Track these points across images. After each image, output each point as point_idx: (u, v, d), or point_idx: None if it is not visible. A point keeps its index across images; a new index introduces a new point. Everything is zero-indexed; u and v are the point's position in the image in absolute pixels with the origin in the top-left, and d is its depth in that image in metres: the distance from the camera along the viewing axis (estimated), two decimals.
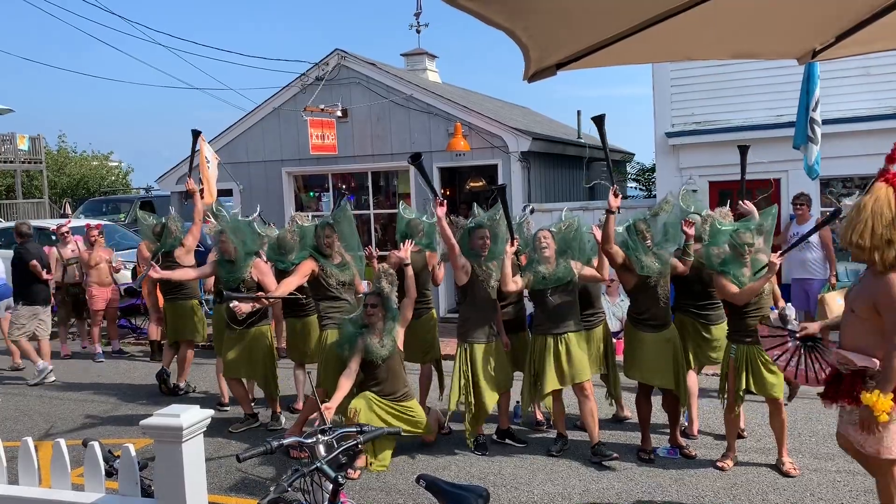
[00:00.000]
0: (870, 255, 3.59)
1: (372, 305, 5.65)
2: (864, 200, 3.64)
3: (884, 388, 3.57)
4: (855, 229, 3.60)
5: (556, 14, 1.57)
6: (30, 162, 27.25)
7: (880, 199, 3.59)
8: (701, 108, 9.63)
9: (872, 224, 3.55)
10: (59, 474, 3.18)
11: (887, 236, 3.53)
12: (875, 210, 3.57)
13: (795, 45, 2.43)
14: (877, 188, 3.63)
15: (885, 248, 3.54)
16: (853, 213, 3.65)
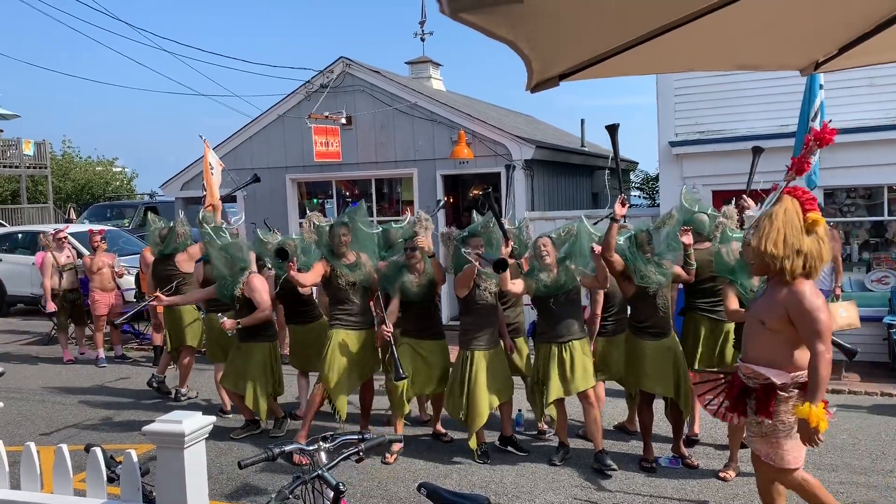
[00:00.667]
0: (781, 264, 3.69)
1: (412, 249, 6.00)
2: (774, 211, 3.76)
3: (814, 399, 3.61)
4: (769, 238, 3.70)
5: (559, 26, 1.58)
6: (35, 167, 27.34)
7: (789, 209, 3.73)
8: (705, 118, 9.63)
9: (785, 233, 3.68)
10: (62, 479, 3.18)
11: (797, 245, 3.67)
12: (786, 220, 3.70)
13: (799, 57, 2.43)
14: (784, 200, 3.78)
15: (795, 257, 3.67)
16: (766, 224, 3.76)
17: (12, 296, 14.21)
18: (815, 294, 3.70)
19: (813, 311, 3.64)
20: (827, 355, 3.60)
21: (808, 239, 3.71)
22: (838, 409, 7.09)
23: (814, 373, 3.62)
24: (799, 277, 3.71)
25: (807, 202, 3.75)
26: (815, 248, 3.71)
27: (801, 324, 3.67)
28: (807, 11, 2.01)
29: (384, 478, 5.67)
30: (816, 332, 3.62)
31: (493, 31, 1.42)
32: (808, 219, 3.71)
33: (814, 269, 3.74)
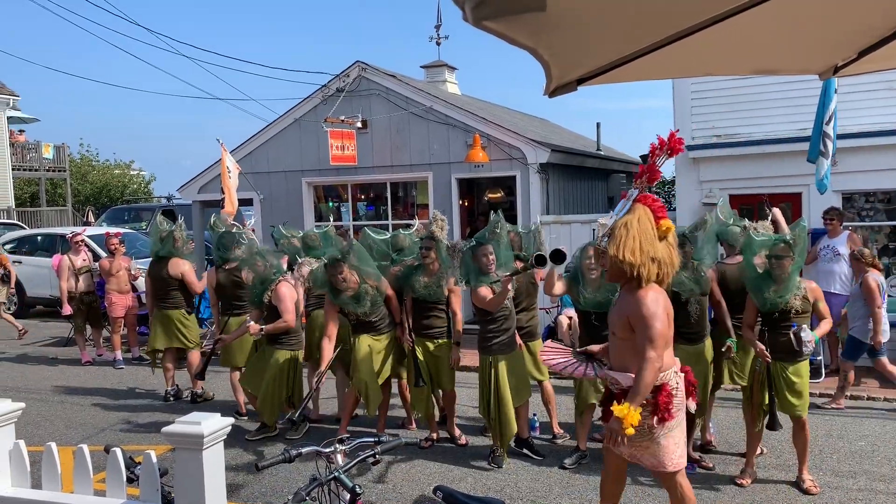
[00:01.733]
0: (637, 272, 3.74)
1: (427, 248, 6.07)
2: (628, 220, 3.80)
3: (633, 401, 3.66)
4: (626, 247, 3.74)
5: (579, 32, 1.59)
6: (54, 170, 27.67)
7: (643, 217, 3.80)
8: (721, 122, 9.59)
9: (640, 241, 3.74)
10: (82, 479, 3.21)
11: (651, 253, 3.74)
12: (640, 228, 3.77)
13: (817, 61, 2.42)
14: (637, 208, 3.83)
15: (650, 264, 3.74)
16: (622, 233, 3.79)
17: (32, 297, 14.37)
18: (656, 301, 3.75)
19: (649, 317, 3.70)
20: (656, 363, 3.67)
21: (661, 246, 3.80)
22: (856, 415, 7.05)
23: (639, 377, 3.69)
24: (651, 284, 3.79)
25: (658, 210, 3.83)
26: (668, 254, 3.82)
27: (637, 328, 3.75)
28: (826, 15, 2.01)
29: (399, 480, 5.68)
30: (648, 337, 3.68)
31: (515, 38, 1.43)
32: (661, 226, 3.79)
33: (667, 274, 3.84)
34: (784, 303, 5.14)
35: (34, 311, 14.71)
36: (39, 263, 13.94)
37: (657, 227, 3.80)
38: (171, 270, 7.97)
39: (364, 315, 6.13)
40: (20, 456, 3.35)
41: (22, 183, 29.03)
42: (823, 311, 5.27)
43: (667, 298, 3.87)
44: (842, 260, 8.08)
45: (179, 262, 8.03)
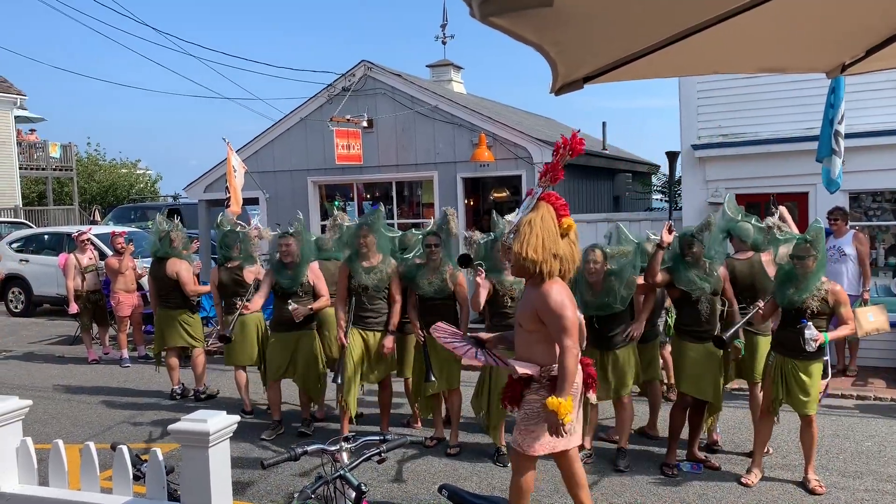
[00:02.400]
0: (539, 268, 3.89)
1: (434, 245, 6.11)
2: (532, 218, 3.94)
3: (561, 392, 3.79)
4: (530, 244, 3.88)
5: (586, 29, 1.58)
6: (61, 169, 27.76)
7: (545, 216, 3.95)
8: (728, 121, 9.55)
9: (543, 238, 3.88)
10: (89, 477, 3.23)
11: (554, 250, 3.90)
12: (543, 226, 3.91)
13: (824, 59, 2.41)
14: (540, 206, 3.98)
15: (552, 260, 3.90)
16: (526, 230, 3.93)
17: (39, 296, 14.42)
18: (562, 293, 3.90)
19: (558, 309, 3.84)
20: (574, 350, 3.81)
21: (563, 243, 3.95)
22: (863, 415, 7.02)
23: (561, 367, 3.82)
24: (554, 278, 3.93)
25: (560, 208, 3.98)
26: (569, 251, 3.98)
27: (548, 321, 3.87)
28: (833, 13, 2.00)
29: (405, 479, 5.69)
30: (562, 328, 3.82)
31: (521, 34, 1.43)
32: (563, 224, 3.95)
33: (568, 270, 4.01)
34: (801, 301, 5.13)
35: (41, 310, 14.77)
36: (46, 262, 13.99)
37: (559, 224, 3.95)
38: (168, 270, 8.01)
39: (366, 294, 6.18)
40: (27, 453, 3.36)
41: (29, 182, 29.15)
42: (845, 315, 5.25)
43: (570, 291, 4.03)
44: (848, 260, 8.04)
45: (176, 262, 8.06)
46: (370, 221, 6.27)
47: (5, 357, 10.70)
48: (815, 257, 5.12)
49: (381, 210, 6.48)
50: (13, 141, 24.95)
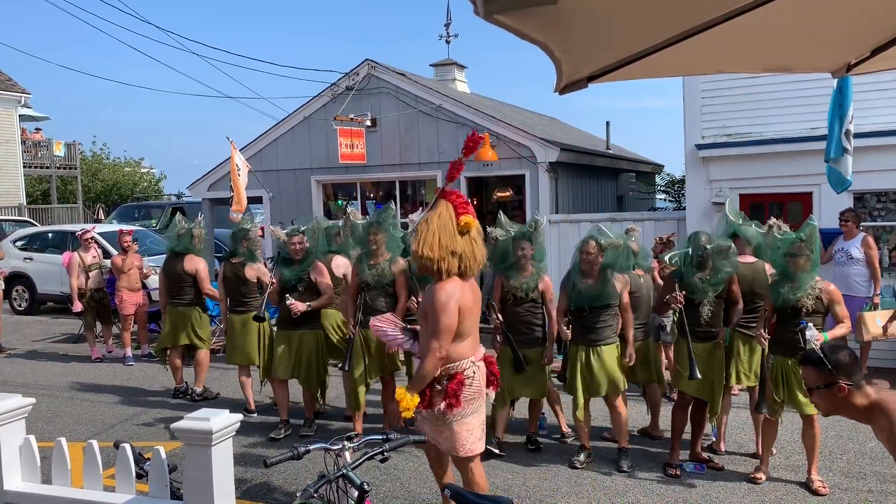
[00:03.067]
0: (437, 266, 3.94)
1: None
2: (430, 216, 4.02)
3: (412, 387, 3.91)
4: (426, 242, 3.94)
5: (590, 28, 1.58)
6: (65, 168, 27.82)
7: (443, 215, 4.00)
8: (732, 121, 9.53)
9: (440, 236, 3.93)
10: (92, 475, 3.23)
11: (451, 247, 3.93)
12: (441, 224, 3.97)
13: (830, 59, 2.40)
14: (440, 205, 4.05)
15: (450, 258, 3.93)
16: (422, 228, 4.01)
17: (42, 294, 14.45)
18: (449, 294, 3.91)
19: (438, 310, 3.88)
20: (438, 353, 3.87)
21: (462, 240, 3.98)
22: None
23: (421, 364, 3.92)
24: (453, 276, 3.97)
25: (460, 206, 4.02)
26: (469, 248, 4.00)
27: (430, 318, 3.94)
28: (839, 13, 1.99)
29: (408, 478, 5.68)
30: (434, 329, 3.88)
31: (526, 32, 1.43)
32: (461, 222, 3.98)
33: (468, 268, 4.02)
34: (795, 300, 5.14)
35: (44, 308, 14.80)
36: (50, 260, 14.02)
37: (458, 222, 3.98)
38: (186, 266, 7.98)
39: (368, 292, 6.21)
40: (30, 451, 3.37)
41: (33, 180, 29.20)
42: (841, 314, 5.26)
43: (469, 291, 4.04)
44: (855, 263, 8.00)
45: (195, 259, 8.05)
46: (381, 220, 6.29)
47: (9, 355, 10.72)
48: (809, 256, 5.14)
49: (391, 209, 6.49)
50: (17, 139, 25.00)
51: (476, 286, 4.16)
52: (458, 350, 3.98)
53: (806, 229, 5.25)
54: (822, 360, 2.66)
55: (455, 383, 3.97)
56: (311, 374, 6.71)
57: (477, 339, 4.14)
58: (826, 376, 2.66)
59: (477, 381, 4.04)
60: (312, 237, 6.71)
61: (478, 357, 4.12)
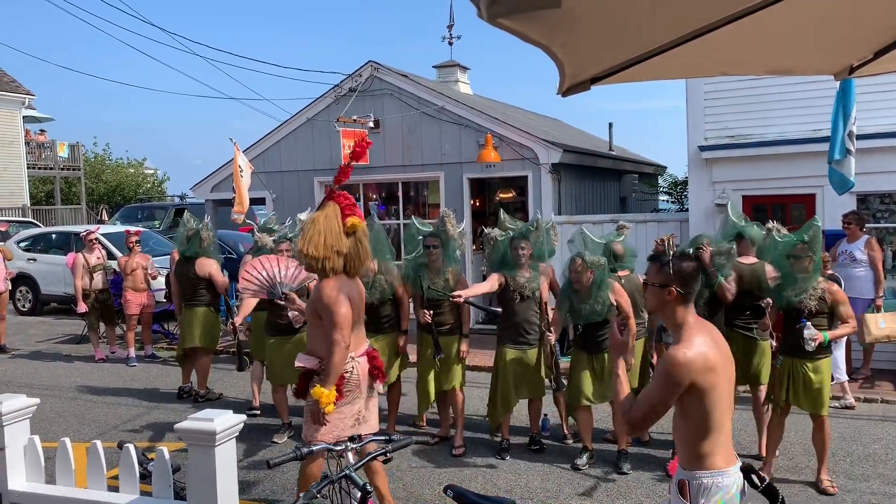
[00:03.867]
0: (322, 265, 4.07)
1: (433, 247, 6.12)
2: (316, 216, 4.17)
3: (325, 383, 4.00)
4: (311, 242, 4.08)
5: (594, 30, 1.59)
6: (69, 169, 27.87)
7: (329, 214, 4.16)
8: (735, 122, 9.53)
9: (325, 237, 4.07)
10: (95, 475, 3.24)
11: (336, 247, 4.08)
12: (326, 224, 4.11)
13: (832, 61, 2.40)
14: (328, 206, 4.20)
15: (336, 258, 4.08)
16: (308, 228, 4.15)
17: (46, 295, 14.48)
18: (336, 289, 4.04)
19: (330, 304, 4.00)
20: (342, 344, 3.98)
21: (347, 240, 4.13)
22: (871, 417, 6.99)
23: (329, 359, 4.01)
24: (339, 274, 4.11)
25: (346, 207, 4.17)
26: (355, 248, 4.15)
27: (323, 315, 4.05)
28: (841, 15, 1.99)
29: (410, 479, 5.69)
30: (332, 322, 3.98)
31: (529, 35, 1.44)
32: (347, 222, 4.13)
33: (353, 268, 4.17)
34: (798, 301, 5.16)
35: (48, 309, 14.83)
36: (54, 261, 14.05)
37: (343, 223, 4.12)
38: (198, 271, 7.98)
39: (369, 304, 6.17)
40: (35, 451, 3.38)
41: (37, 181, 29.26)
42: (844, 314, 5.26)
43: (353, 287, 4.19)
44: (859, 265, 7.99)
45: (206, 262, 8.03)
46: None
47: (13, 356, 10.74)
48: (812, 258, 5.14)
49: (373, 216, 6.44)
50: (21, 140, 25.05)
51: (359, 283, 4.33)
52: None
53: (809, 230, 5.25)
54: (668, 263, 2.76)
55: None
56: None
57: (360, 334, 4.29)
58: (664, 277, 2.76)
59: (356, 375, 4.18)
60: None
61: (358, 353, 4.24)
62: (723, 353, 2.76)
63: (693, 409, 2.70)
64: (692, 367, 2.63)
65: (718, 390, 2.68)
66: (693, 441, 2.75)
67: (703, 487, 2.70)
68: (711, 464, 2.71)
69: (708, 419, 2.69)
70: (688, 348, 2.66)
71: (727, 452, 2.75)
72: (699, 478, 2.71)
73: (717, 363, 2.68)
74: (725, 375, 2.73)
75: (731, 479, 2.71)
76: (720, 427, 2.71)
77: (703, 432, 2.71)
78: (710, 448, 2.71)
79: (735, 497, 2.71)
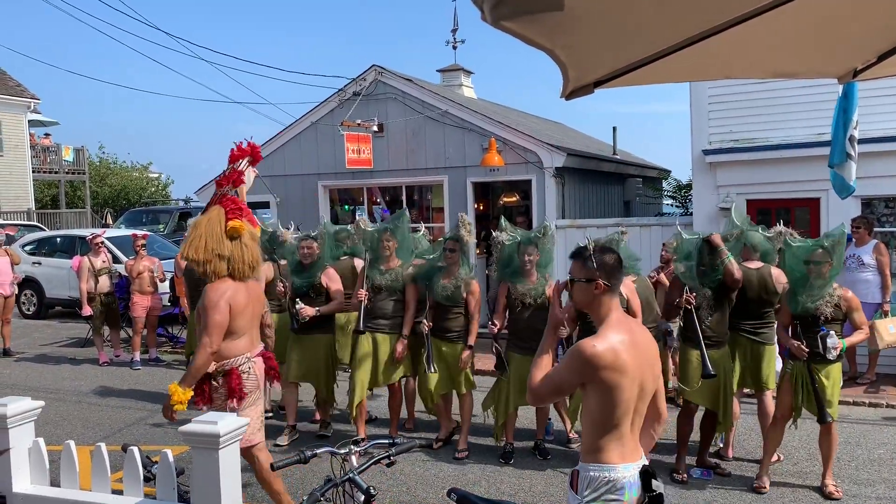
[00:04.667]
0: (205, 268, 4.16)
1: (451, 250, 6.13)
2: (199, 220, 4.24)
3: (184, 380, 4.08)
4: (192, 245, 4.16)
5: (597, 34, 1.59)
6: (74, 172, 27.96)
7: (213, 218, 4.23)
8: (739, 126, 9.51)
9: (206, 240, 4.15)
10: (100, 478, 3.25)
11: (218, 250, 4.15)
12: (208, 228, 4.18)
13: (836, 65, 2.40)
14: (212, 210, 4.27)
15: (218, 261, 4.15)
16: (191, 232, 4.23)
17: (50, 298, 14.51)
18: (219, 293, 4.12)
19: (209, 308, 4.08)
20: (209, 348, 4.06)
21: (230, 244, 4.19)
22: (875, 422, 6.97)
23: (193, 360, 4.10)
24: (223, 278, 4.17)
25: (231, 211, 4.24)
26: (239, 252, 4.20)
27: (202, 316, 4.11)
28: (845, 18, 1.99)
29: (413, 483, 5.68)
30: (205, 326, 4.07)
31: (533, 38, 1.44)
32: (228, 227, 4.20)
33: (238, 271, 4.22)
34: (815, 308, 5.12)
35: (53, 312, 14.86)
36: (58, 265, 14.08)
37: (225, 227, 4.19)
38: None
39: (378, 297, 6.24)
40: (39, 454, 3.39)
41: (42, 185, 29.36)
42: (859, 321, 5.25)
43: (243, 291, 4.24)
44: (866, 269, 7.98)
45: None
46: (397, 226, 6.32)
47: (17, 359, 10.77)
48: (831, 263, 5.10)
49: (406, 215, 6.48)
50: (27, 145, 25.15)
51: (254, 286, 4.41)
52: (233, 347, 4.20)
53: (831, 238, 5.23)
54: (591, 257, 2.76)
55: (234, 379, 4.20)
56: (326, 377, 6.73)
57: (253, 336, 4.36)
58: (589, 272, 2.75)
59: (253, 375, 4.27)
60: (321, 242, 6.73)
61: (253, 353, 4.33)
62: (641, 355, 2.71)
63: (593, 402, 2.69)
64: (597, 361, 2.61)
65: (622, 392, 2.64)
66: (589, 433, 2.74)
67: (591, 480, 2.68)
68: (603, 458, 2.69)
69: (606, 416, 2.67)
70: (599, 342, 2.64)
71: (625, 450, 2.71)
72: (588, 470, 2.70)
73: (627, 365, 2.64)
74: (635, 378, 2.68)
75: (621, 475, 2.66)
76: (619, 425, 2.68)
77: (599, 427, 2.69)
78: (605, 443, 2.69)
79: (625, 494, 2.66)
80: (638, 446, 2.79)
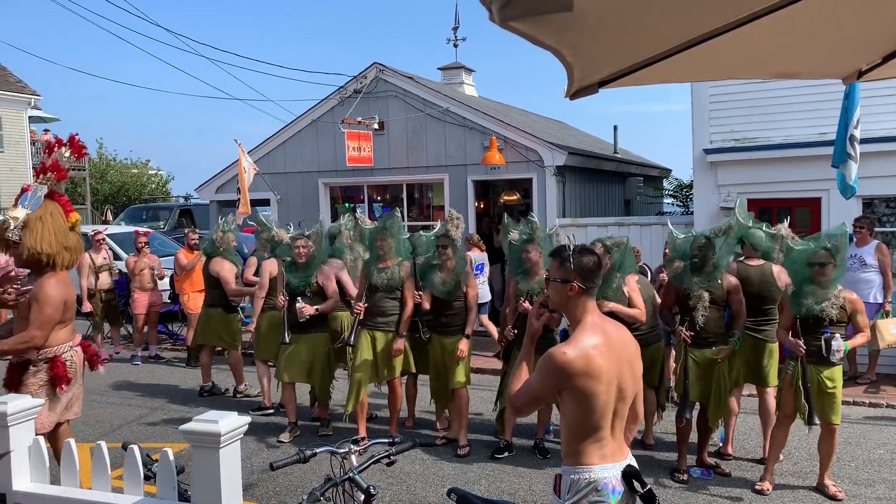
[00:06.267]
0: (52, 260, 4.27)
1: (444, 247, 6.24)
2: (41, 214, 4.30)
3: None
4: (44, 239, 4.25)
5: (603, 34, 1.58)
6: (74, 169, 27.93)
7: (55, 212, 4.35)
8: (740, 125, 9.51)
9: (55, 233, 4.29)
10: (100, 476, 3.24)
11: (65, 242, 4.33)
12: (55, 222, 4.32)
13: (840, 65, 2.39)
14: (47, 204, 4.36)
15: (63, 253, 4.32)
16: (37, 226, 4.26)
17: None
18: (57, 289, 4.25)
19: (43, 301, 4.19)
20: (38, 342, 4.20)
21: (73, 235, 4.39)
22: (875, 422, 6.97)
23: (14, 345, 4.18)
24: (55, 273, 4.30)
25: (66, 204, 4.42)
26: (76, 242, 4.43)
27: (34, 308, 4.18)
28: (850, 19, 1.99)
29: (414, 482, 5.68)
30: (36, 319, 4.18)
31: (540, 38, 1.43)
32: (71, 219, 4.40)
33: (74, 261, 4.43)
34: (820, 310, 5.09)
35: None
36: None
37: (68, 219, 4.38)
38: (210, 269, 8.14)
39: (375, 295, 6.28)
40: (39, 452, 3.38)
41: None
42: (862, 323, 5.22)
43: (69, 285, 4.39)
44: (868, 270, 7.97)
45: (217, 262, 8.12)
46: (387, 226, 6.35)
47: None
48: (835, 265, 5.07)
49: (396, 216, 6.51)
50: (27, 141, 25.12)
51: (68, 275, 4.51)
52: (59, 336, 4.35)
53: (833, 238, 5.18)
54: (569, 258, 2.72)
55: (59, 366, 4.33)
56: (323, 376, 6.74)
57: (73, 326, 4.52)
58: (565, 273, 2.73)
59: (75, 363, 4.44)
60: (316, 241, 6.72)
61: (75, 342, 4.50)
62: (617, 357, 2.68)
63: (569, 409, 2.67)
64: (569, 369, 2.59)
65: (597, 397, 2.61)
66: (567, 438, 2.73)
67: (572, 482, 2.67)
68: (583, 460, 2.67)
69: (583, 421, 2.65)
70: (571, 349, 2.61)
71: (605, 452, 2.69)
72: (569, 473, 2.70)
73: (601, 370, 2.60)
74: (612, 381, 2.65)
75: (601, 476, 2.65)
76: (597, 429, 2.66)
77: (578, 432, 2.68)
78: (584, 447, 2.67)
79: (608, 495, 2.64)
80: (622, 447, 2.77)
